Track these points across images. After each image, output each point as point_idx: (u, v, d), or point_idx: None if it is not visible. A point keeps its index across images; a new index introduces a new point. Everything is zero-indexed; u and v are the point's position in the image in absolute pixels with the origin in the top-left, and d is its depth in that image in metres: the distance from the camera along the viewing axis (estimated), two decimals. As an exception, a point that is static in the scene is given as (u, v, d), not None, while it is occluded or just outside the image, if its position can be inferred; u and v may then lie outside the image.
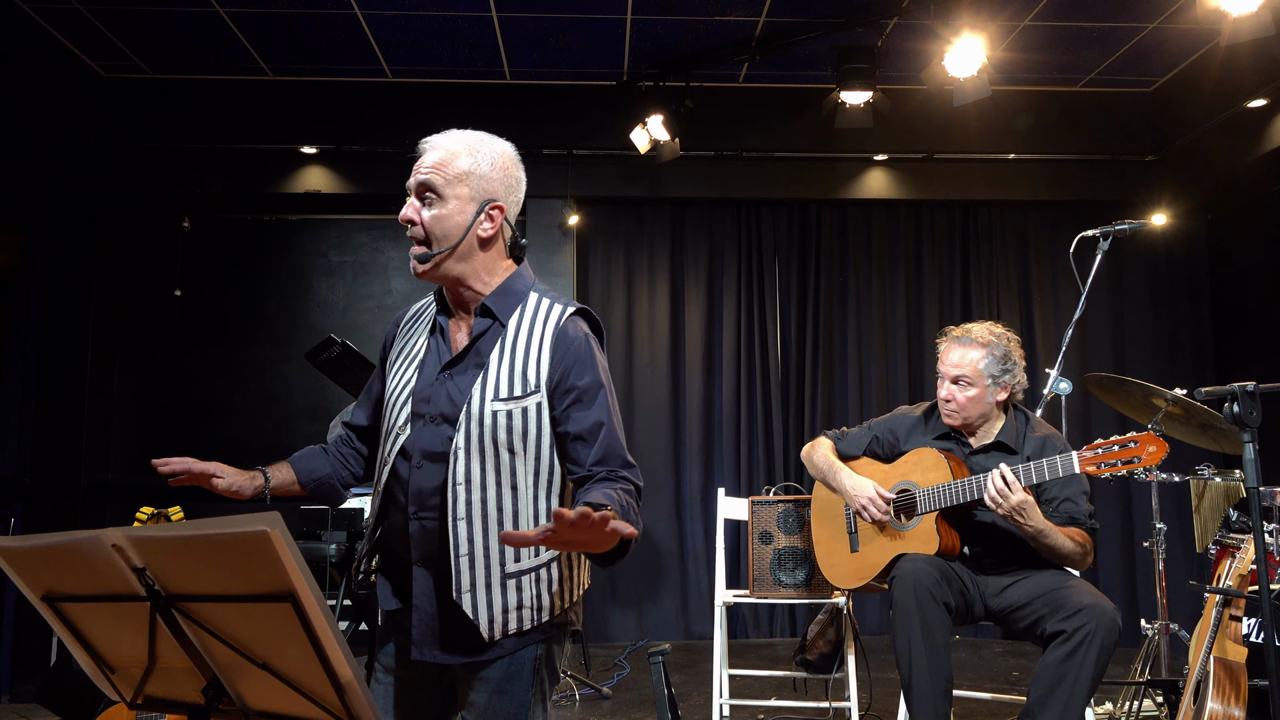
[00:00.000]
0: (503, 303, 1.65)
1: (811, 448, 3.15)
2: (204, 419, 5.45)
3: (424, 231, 1.62)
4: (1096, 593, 2.59)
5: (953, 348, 2.84)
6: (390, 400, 1.69)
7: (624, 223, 5.76)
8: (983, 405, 2.80)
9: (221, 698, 1.29)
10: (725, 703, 3.47)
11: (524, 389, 1.59)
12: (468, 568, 1.56)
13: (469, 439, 1.57)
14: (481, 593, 1.56)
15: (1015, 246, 5.82)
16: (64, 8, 4.41)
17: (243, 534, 1.10)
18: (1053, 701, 2.45)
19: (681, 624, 5.49)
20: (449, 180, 1.61)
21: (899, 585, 2.65)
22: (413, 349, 1.72)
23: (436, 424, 1.61)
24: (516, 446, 1.59)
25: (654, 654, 2.48)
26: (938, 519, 2.78)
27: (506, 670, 1.61)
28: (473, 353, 1.63)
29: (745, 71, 5.22)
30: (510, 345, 1.62)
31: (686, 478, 5.59)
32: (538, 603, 1.61)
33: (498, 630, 1.58)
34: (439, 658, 1.61)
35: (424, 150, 1.66)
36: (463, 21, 4.64)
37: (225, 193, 5.32)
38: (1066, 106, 5.43)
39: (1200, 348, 5.68)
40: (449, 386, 1.62)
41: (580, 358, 1.61)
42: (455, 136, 1.66)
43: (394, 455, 1.63)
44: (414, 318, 1.78)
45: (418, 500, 1.60)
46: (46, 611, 1.35)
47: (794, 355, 5.70)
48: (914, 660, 2.58)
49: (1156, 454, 2.45)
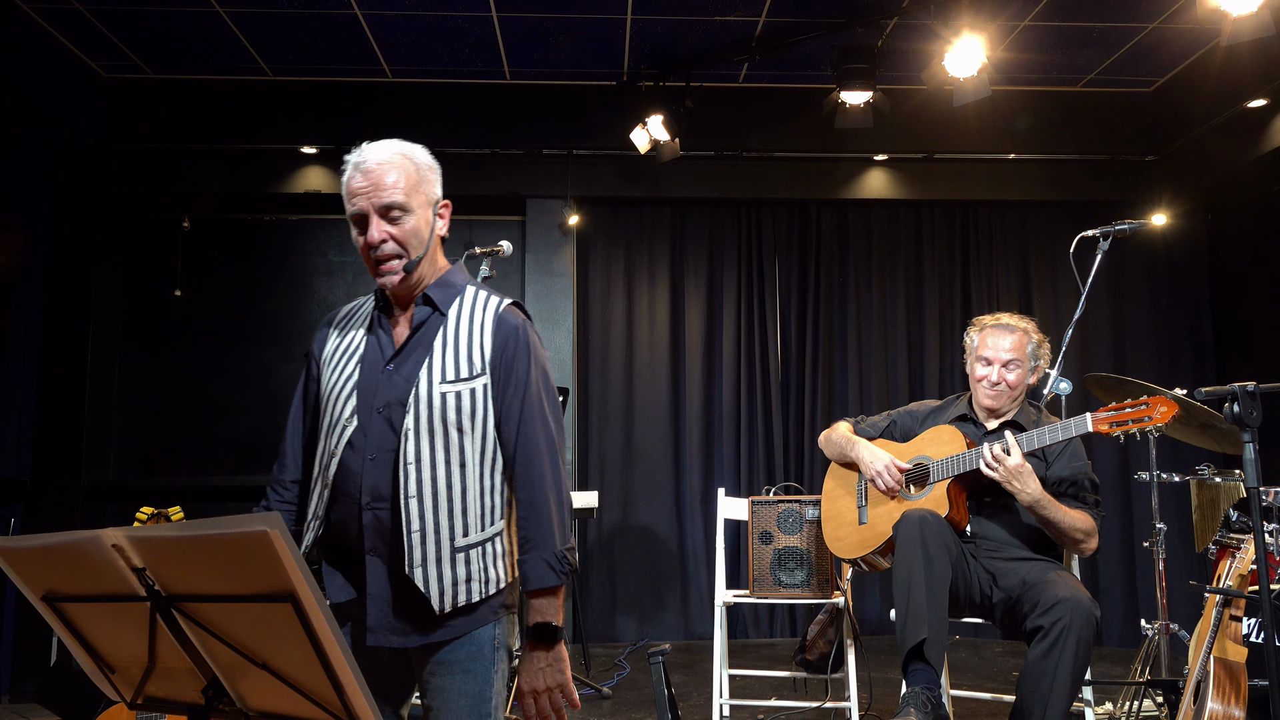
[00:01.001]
0: (443, 294, 1.75)
1: (830, 430, 3.21)
2: (204, 419, 5.45)
3: (398, 245, 1.70)
4: (1076, 585, 2.61)
5: (998, 334, 2.93)
6: (332, 395, 1.74)
7: (624, 223, 5.76)
8: (1023, 386, 2.93)
9: (221, 698, 1.29)
10: (725, 703, 3.47)
11: (470, 371, 1.69)
12: (419, 543, 1.63)
13: (418, 421, 1.65)
14: (433, 566, 1.64)
15: (1015, 246, 5.82)
16: (64, 8, 4.41)
17: (243, 534, 1.11)
18: (1037, 698, 2.48)
19: (681, 624, 5.49)
20: (409, 192, 1.70)
21: (905, 524, 2.68)
22: (350, 346, 1.78)
23: (386, 413, 1.67)
24: (465, 425, 1.68)
25: (654, 654, 2.48)
26: (949, 486, 2.82)
27: (468, 651, 1.68)
28: (415, 342, 1.72)
29: (745, 71, 5.22)
30: (454, 332, 1.72)
31: (686, 478, 5.59)
32: (485, 575, 1.69)
33: (448, 602, 1.64)
34: (394, 641, 1.66)
35: (364, 171, 1.70)
36: (463, 21, 4.64)
37: (225, 193, 5.32)
38: (1066, 106, 5.43)
39: (1200, 347, 5.68)
40: (395, 377, 1.70)
41: (519, 346, 1.72)
42: (389, 148, 1.73)
43: (341, 448, 1.69)
44: (346, 318, 1.85)
45: (372, 490, 1.65)
46: (46, 611, 1.35)
47: (794, 355, 5.70)
48: (913, 585, 2.58)
49: (1167, 413, 2.52)
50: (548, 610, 1.67)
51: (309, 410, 1.86)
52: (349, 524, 1.67)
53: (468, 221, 5.65)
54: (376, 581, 1.65)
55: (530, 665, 1.67)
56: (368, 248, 1.70)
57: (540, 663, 1.66)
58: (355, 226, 1.73)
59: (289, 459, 1.86)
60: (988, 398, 2.93)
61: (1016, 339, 2.90)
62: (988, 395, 2.92)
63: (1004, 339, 2.91)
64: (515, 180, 5.44)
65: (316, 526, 1.71)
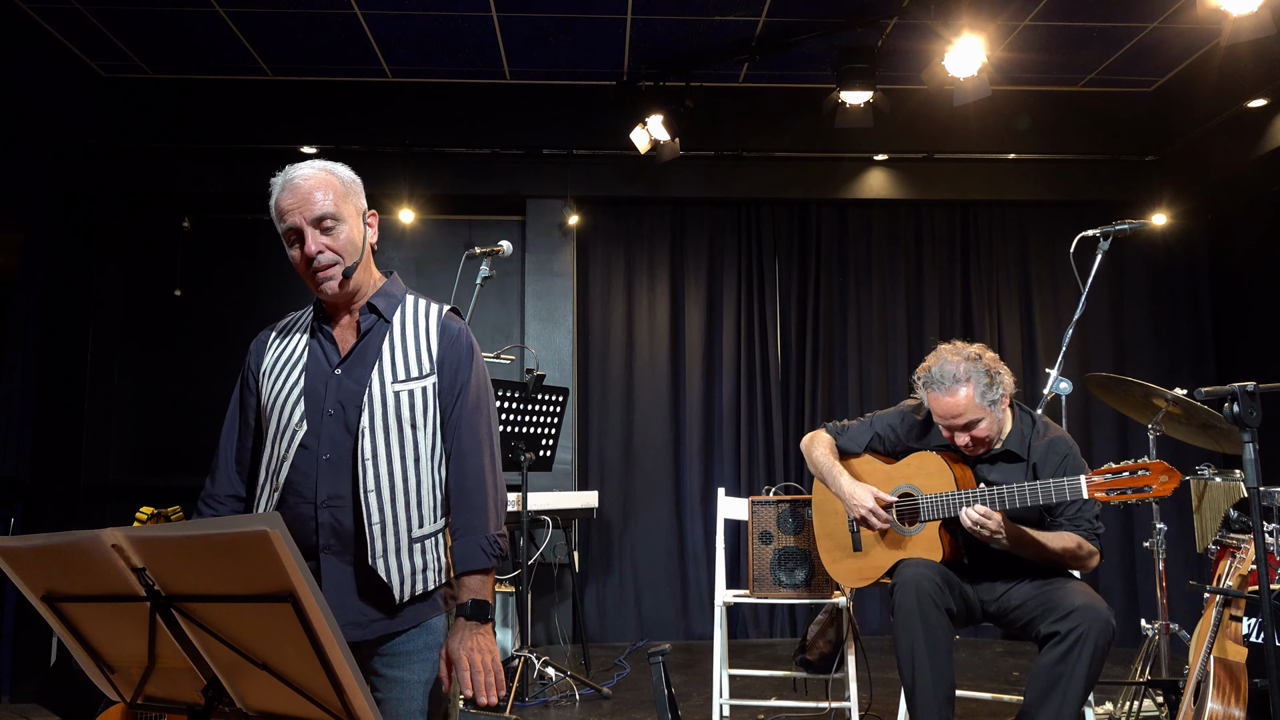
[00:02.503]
0: (386, 302, 1.84)
1: (811, 442, 3.10)
2: (204, 419, 5.42)
3: (335, 254, 1.76)
4: (1091, 593, 2.58)
5: (939, 397, 2.69)
6: (277, 402, 1.79)
7: (624, 223, 5.76)
8: (996, 425, 2.74)
9: (221, 698, 1.29)
10: (725, 703, 3.46)
11: (420, 371, 1.79)
12: (380, 535, 1.71)
13: (373, 419, 1.74)
14: (393, 557, 1.72)
15: (1015, 246, 5.81)
16: (64, 8, 4.41)
17: (243, 534, 1.10)
18: (1048, 702, 2.45)
19: (681, 624, 5.49)
20: (339, 202, 1.77)
21: (901, 590, 2.64)
22: (291, 355, 1.84)
23: (338, 415, 1.75)
24: (418, 422, 1.77)
25: (654, 654, 2.48)
26: (940, 527, 2.77)
27: (425, 640, 1.75)
28: (362, 347, 1.80)
29: (745, 71, 5.22)
30: (400, 336, 1.81)
31: (686, 478, 5.59)
32: (438, 564, 1.78)
33: (407, 591, 1.73)
34: (353, 635, 1.69)
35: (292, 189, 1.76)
36: (463, 21, 4.64)
37: (225, 193, 5.32)
38: (1066, 106, 5.43)
39: (1200, 348, 5.68)
40: (346, 380, 1.77)
41: (462, 352, 1.83)
42: (313, 165, 1.80)
43: (293, 452, 1.74)
44: (282, 331, 1.91)
45: (329, 488, 1.72)
46: (46, 611, 1.35)
47: (794, 355, 5.70)
48: (917, 665, 2.57)
49: (1169, 484, 2.40)
50: (480, 589, 1.74)
51: (245, 423, 1.90)
52: (302, 524, 1.71)
53: (468, 221, 5.65)
54: (331, 579, 1.71)
55: (458, 634, 1.72)
56: (305, 260, 1.76)
57: (472, 632, 1.72)
58: (290, 244, 1.78)
59: (220, 473, 1.90)
60: (968, 454, 2.79)
61: (965, 396, 2.65)
62: (966, 453, 2.78)
63: (951, 403, 2.67)
64: (515, 180, 5.44)
65: None
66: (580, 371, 5.60)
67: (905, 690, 2.63)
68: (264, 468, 1.81)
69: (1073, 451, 2.76)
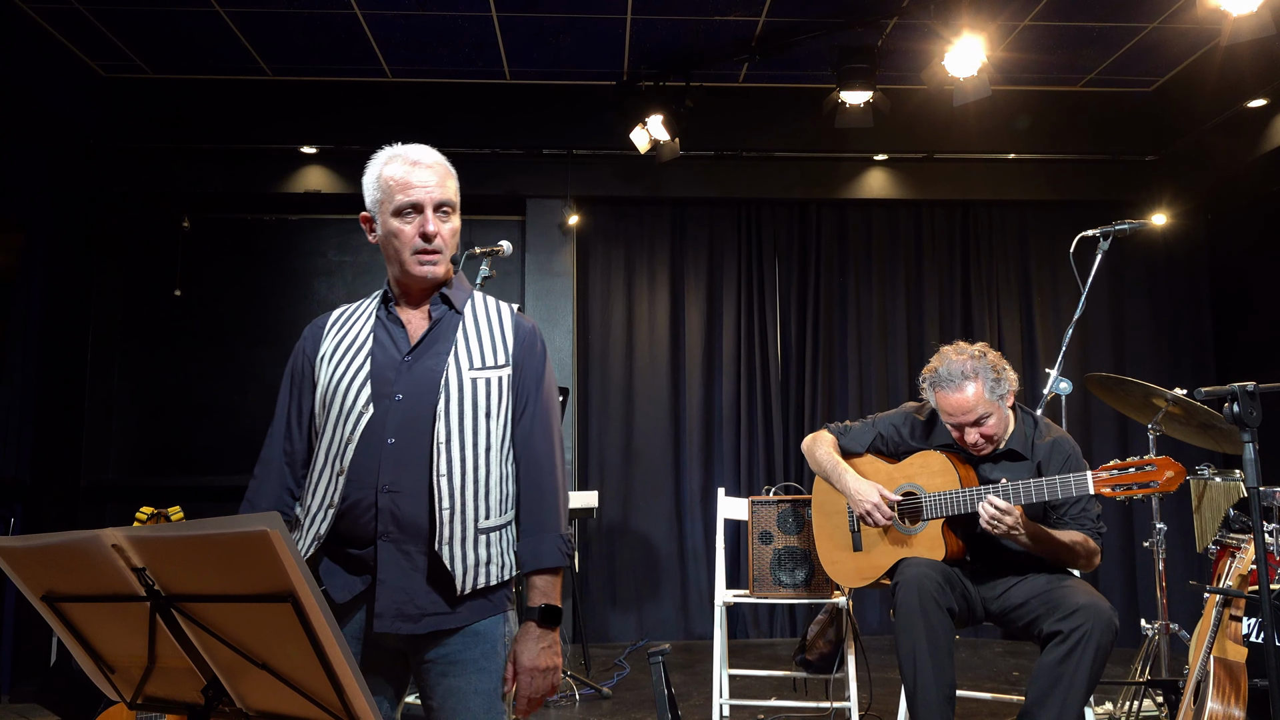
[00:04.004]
0: (458, 295, 1.84)
1: (814, 442, 3.11)
2: (204, 419, 5.45)
3: (444, 242, 1.79)
4: (1093, 592, 2.58)
5: (949, 395, 2.71)
6: (340, 387, 1.77)
7: (624, 223, 5.76)
8: (1004, 421, 2.76)
9: (221, 698, 1.29)
10: (725, 703, 3.47)
11: (495, 361, 1.78)
12: (448, 521, 1.68)
13: (449, 404, 1.72)
14: (459, 545, 1.68)
15: (1015, 246, 5.82)
16: (64, 8, 4.41)
17: (243, 534, 1.11)
18: (1050, 702, 2.45)
19: (681, 624, 5.49)
20: (454, 195, 1.81)
21: (903, 590, 2.64)
22: (354, 341, 1.82)
23: (408, 400, 1.72)
24: (492, 410, 1.76)
25: (654, 654, 2.48)
26: (944, 525, 2.77)
27: (482, 649, 1.70)
28: (433, 336, 1.79)
29: (745, 71, 5.22)
30: (473, 327, 1.81)
31: (686, 478, 5.59)
32: (502, 559, 1.74)
33: (469, 583, 1.68)
34: (403, 629, 1.66)
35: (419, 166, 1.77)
36: (463, 21, 4.64)
37: (225, 193, 5.32)
38: (1066, 106, 5.43)
39: (1200, 348, 5.68)
40: (417, 367, 1.76)
41: (535, 351, 1.84)
42: (436, 153, 1.83)
43: (358, 435, 1.71)
44: (341, 319, 1.89)
45: (392, 472, 1.68)
46: (46, 611, 1.35)
47: (794, 355, 5.70)
48: (918, 666, 2.57)
49: (1174, 480, 2.41)
50: (551, 592, 1.72)
51: (297, 413, 1.87)
52: (361, 510, 1.68)
53: (467, 221, 5.58)
54: (388, 567, 1.67)
55: (533, 643, 1.70)
56: (414, 237, 1.76)
57: (543, 642, 1.70)
58: (398, 216, 1.76)
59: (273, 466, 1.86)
60: (976, 453, 2.79)
61: (974, 393, 2.67)
62: (974, 451, 2.78)
63: (960, 400, 2.69)
64: (515, 180, 5.44)
65: (331, 515, 1.70)
66: (580, 371, 5.60)
67: (906, 690, 2.63)
68: (324, 453, 1.76)
69: (1076, 451, 2.78)
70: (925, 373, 2.81)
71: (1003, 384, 2.72)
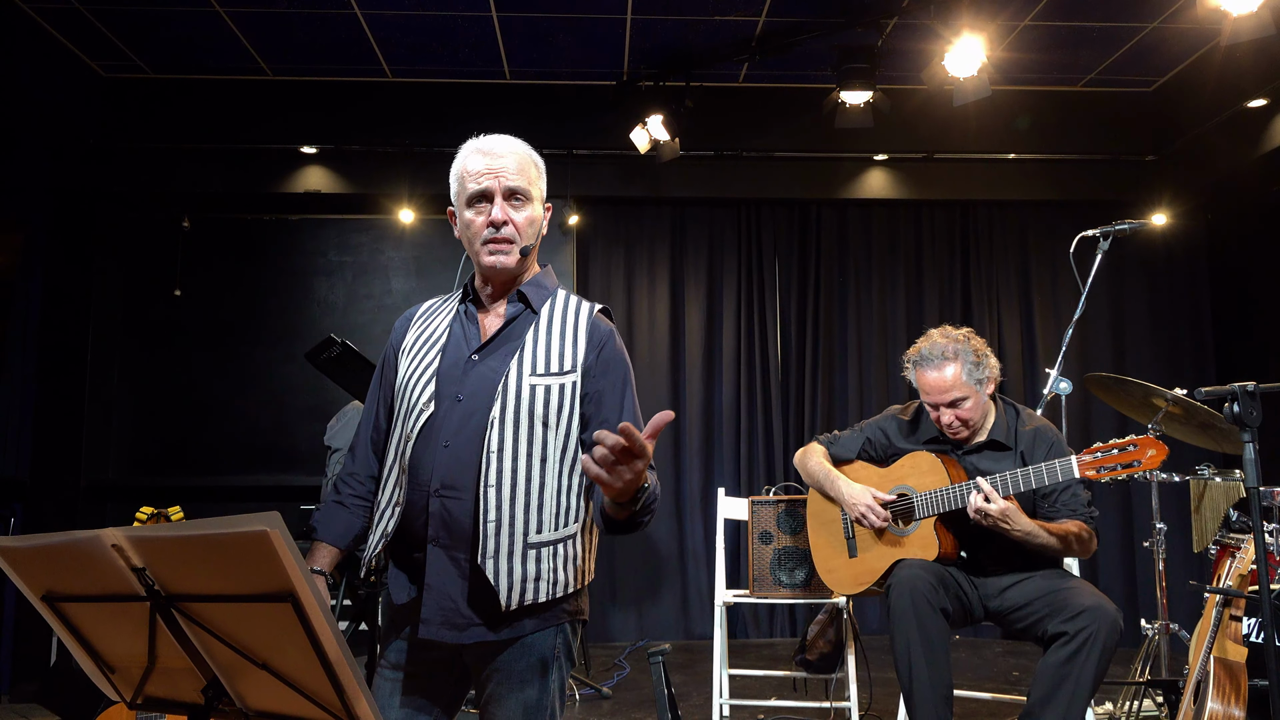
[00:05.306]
0: (536, 294, 1.76)
1: (804, 454, 3.14)
2: (204, 419, 5.44)
3: (516, 231, 1.72)
4: (1098, 594, 2.59)
5: (927, 374, 2.77)
6: (409, 381, 1.73)
7: (624, 223, 5.76)
8: (982, 408, 2.80)
9: (221, 698, 1.29)
10: (725, 703, 3.47)
11: (560, 368, 1.69)
12: (494, 533, 1.60)
13: (504, 410, 1.64)
14: (504, 560, 1.61)
15: (1015, 246, 5.82)
16: (64, 8, 4.41)
17: (243, 534, 1.10)
18: (1054, 703, 2.45)
19: (681, 624, 5.49)
20: (531, 183, 1.75)
21: (896, 592, 2.65)
22: (432, 336, 1.78)
23: (467, 402, 1.66)
24: (551, 420, 1.67)
25: (654, 654, 2.48)
26: (936, 524, 2.78)
27: (528, 662, 1.65)
28: (504, 336, 1.73)
29: (745, 71, 5.22)
30: (545, 329, 1.73)
31: (686, 478, 5.59)
32: (554, 576, 1.65)
33: (515, 599, 1.61)
34: (447, 636, 1.62)
35: (491, 154, 1.74)
36: (463, 21, 4.64)
37: (225, 193, 5.31)
38: (1066, 106, 5.43)
39: (1200, 348, 5.68)
40: (481, 367, 1.69)
41: (614, 353, 1.75)
42: (512, 139, 1.78)
43: (416, 433, 1.67)
44: (428, 311, 1.85)
45: (444, 476, 1.63)
46: (46, 611, 1.35)
47: (794, 355, 5.70)
48: (914, 667, 2.57)
49: (1156, 458, 2.44)
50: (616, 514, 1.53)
51: (383, 400, 1.84)
52: (415, 511, 1.65)
53: (468, 221, 5.65)
54: (436, 572, 1.62)
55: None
56: (484, 227, 1.71)
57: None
58: (469, 206, 1.74)
59: (360, 452, 1.85)
60: (951, 435, 2.83)
61: (952, 374, 2.73)
62: (950, 433, 2.82)
63: (932, 378, 2.75)
64: (515, 180, 5.43)
65: (397, 513, 1.68)
66: (580, 371, 5.59)
67: (903, 691, 2.63)
68: (393, 448, 1.74)
69: (1059, 438, 2.81)
70: (909, 353, 2.87)
71: (982, 369, 2.76)
